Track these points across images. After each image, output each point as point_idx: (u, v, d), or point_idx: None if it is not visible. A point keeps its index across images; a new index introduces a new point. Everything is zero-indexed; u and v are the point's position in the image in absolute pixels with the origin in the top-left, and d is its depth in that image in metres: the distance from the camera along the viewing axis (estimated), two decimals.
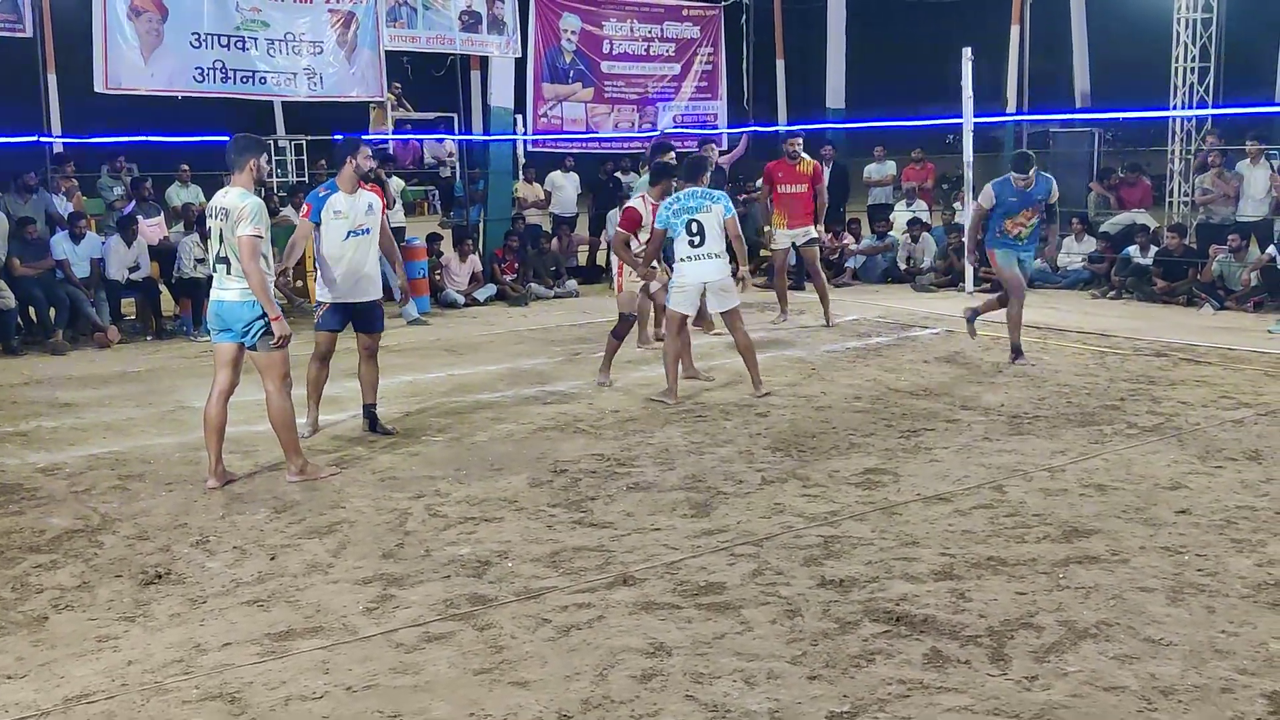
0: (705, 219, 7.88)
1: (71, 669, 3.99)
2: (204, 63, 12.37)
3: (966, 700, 3.61)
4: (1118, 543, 4.99)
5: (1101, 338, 10.05)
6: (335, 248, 6.93)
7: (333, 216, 6.90)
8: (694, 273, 7.93)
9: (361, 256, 7.01)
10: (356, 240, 6.97)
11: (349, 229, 6.93)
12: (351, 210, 6.94)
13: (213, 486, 6.13)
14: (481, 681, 3.82)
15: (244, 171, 6.09)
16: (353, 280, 7.01)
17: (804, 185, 10.97)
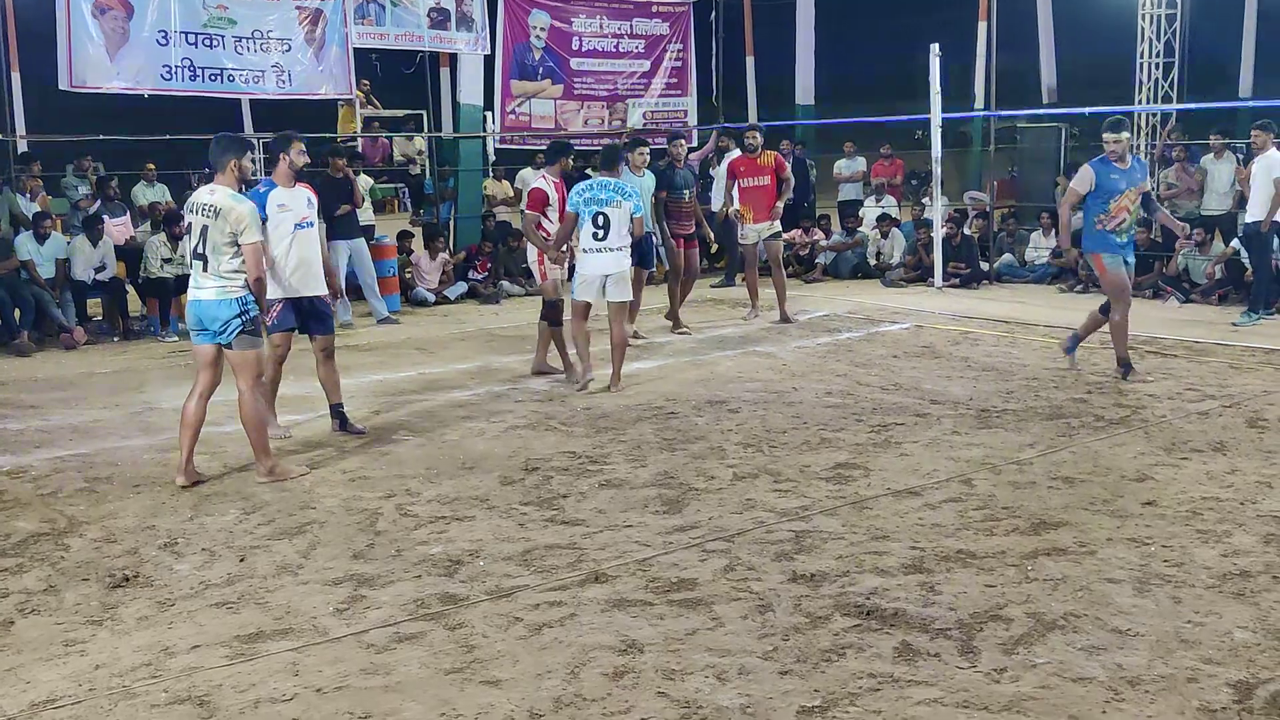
0: (612, 213, 8.01)
1: (38, 673, 3.95)
2: (171, 60, 12.27)
3: (936, 693, 3.64)
4: (1085, 534, 5.04)
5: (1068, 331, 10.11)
6: (284, 241, 6.90)
7: (277, 210, 6.87)
8: (593, 265, 8.12)
9: (308, 249, 7.03)
10: (302, 233, 6.97)
11: (295, 222, 6.93)
12: (294, 203, 6.95)
13: (182, 484, 6.10)
14: (453, 681, 3.81)
15: (225, 171, 6.09)
16: (302, 274, 7.00)
17: (766, 177, 10.92)
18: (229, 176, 6.09)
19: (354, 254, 11.67)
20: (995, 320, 10.82)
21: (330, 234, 11.75)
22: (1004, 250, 14.20)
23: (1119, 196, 7.90)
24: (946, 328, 10.52)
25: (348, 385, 8.49)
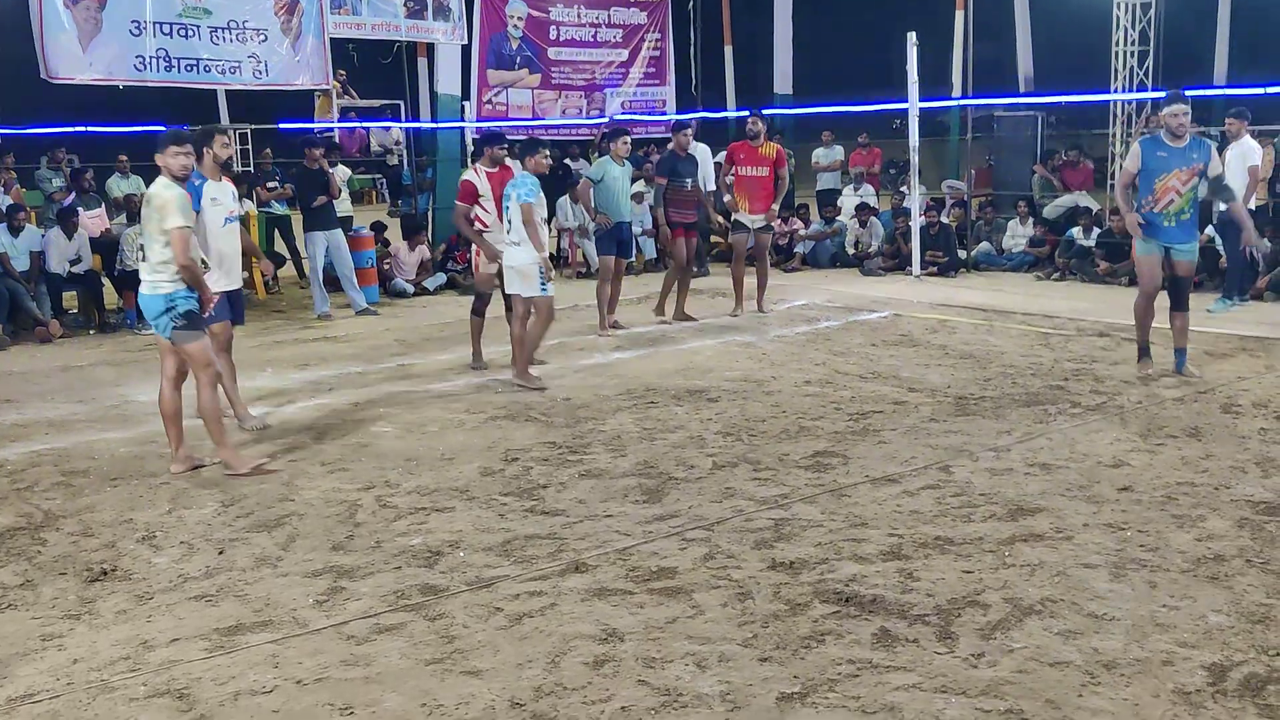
0: (512, 206, 8.03)
1: (15, 668, 3.93)
2: (145, 51, 12.18)
3: (915, 678, 3.66)
4: (1062, 520, 5.08)
5: (1045, 319, 10.19)
6: (215, 234, 6.92)
7: (210, 204, 6.89)
8: (507, 256, 8.14)
9: (235, 243, 7.10)
10: (231, 226, 7.03)
11: (225, 215, 6.97)
12: (224, 197, 6.99)
13: (176, 470, 6.14)
14: (433, 672, 3.81)
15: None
16: (229, 266, 7.05)
17: (765, 168, 10.73)
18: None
19: (331, 245, 11.62)
20: (973, 308, 10.87)
21: (308, 225, 11.74)
22: (981, 238, 14.26)
23: (1165, 176, 7.46)
24: (924, 316, 10.56)
25: (326, 375, 8.48)
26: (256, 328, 11.19)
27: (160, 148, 6.60)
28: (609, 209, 10.00)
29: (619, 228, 10.08)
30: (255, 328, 11.20)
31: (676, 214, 10.47)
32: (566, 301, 12.08)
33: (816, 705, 3.51)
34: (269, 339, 10.50)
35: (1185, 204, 7.50)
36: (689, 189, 10.46)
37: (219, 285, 6.84)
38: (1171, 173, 7.45)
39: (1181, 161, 7.46)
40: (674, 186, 10.41)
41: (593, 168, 10.54)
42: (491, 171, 8.64)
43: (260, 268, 7.23)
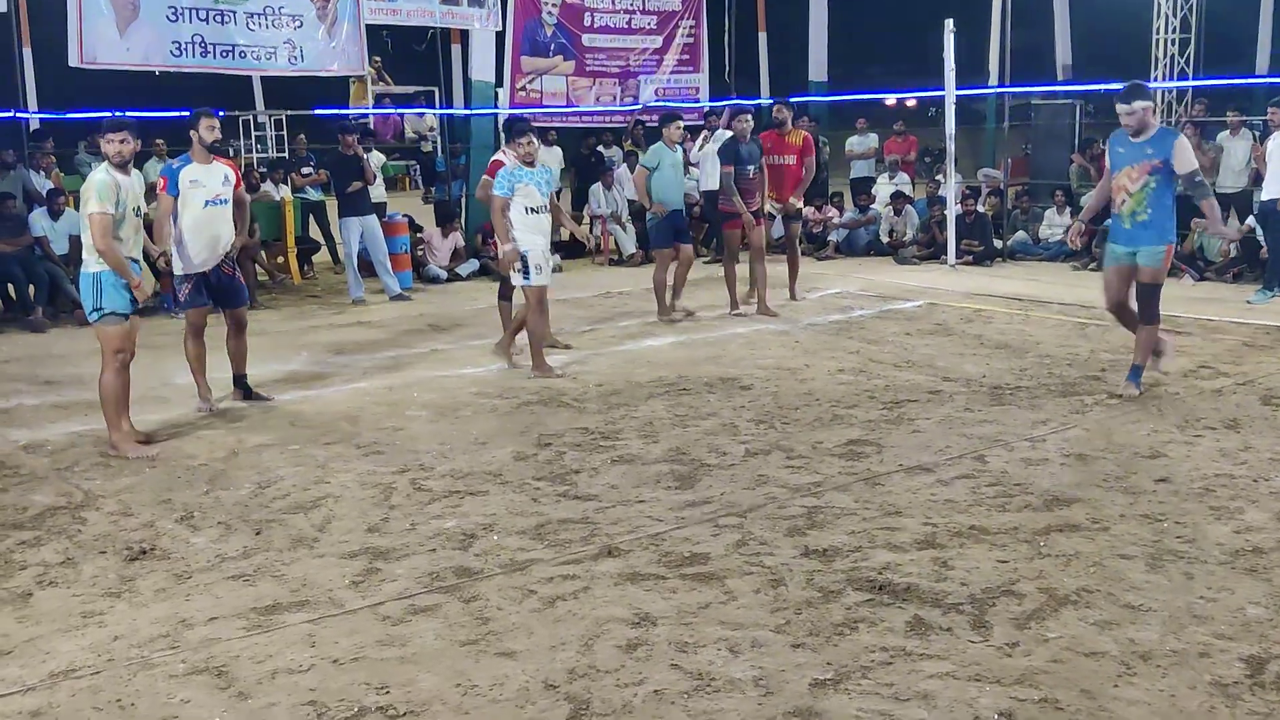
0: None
1: (57, 644, 3.99)
2: (182, 37, 12.26)
3: (948, 666, 3.65)
4: (1098, 511, 5.04)
5: (1082, 309, 10.09)
6: (195, 217, 7.02)
7: (189, 186, 7.00)
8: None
9: (219, 226, 7.15)
10: (214, 209, 7.10)
11: (206, 198, 7.05)
12: (208, 179, 7.07)
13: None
14: (468, 653, 3.84)
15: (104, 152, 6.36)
16: (210, 250, 7.12)
17: (793, 156, 10.66)
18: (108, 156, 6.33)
19: (366, 231, 11.69)
20: (1008, 298, 10.79)
21: (342, 211, 11.82)
22: (1018, 228, 14.14)
23: (1118, 174, 6.97)
24: (959, 305, 10.49)
25: (361, 361, 8.54)
26: (292, 312, 11.30)
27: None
28: (665, 196, 9.88)
29: (675, 215, 9.95)
30: (290, 312, 11.30)
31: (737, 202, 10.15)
32: (598, 288, 12.12)
33: (849, 692, 3.51)
34: (304, 323, 10.59)
35: (1139, 204, 6.84)
36: (751, 176, 10.15)
37: (190, 265, 7.04)
38: (1123, 170, 6.93)
39: (1134, 157, 6.87)
40: (736, 174, 10.07)
41: (647, 155, 10.36)
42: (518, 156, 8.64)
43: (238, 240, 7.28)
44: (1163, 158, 6.78)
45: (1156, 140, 6.86)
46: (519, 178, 7.93)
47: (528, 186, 7.91)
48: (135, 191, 6.45)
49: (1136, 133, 6.90)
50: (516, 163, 8.00)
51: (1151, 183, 6.81)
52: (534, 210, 7.95)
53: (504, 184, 7.91)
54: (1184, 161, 6.77)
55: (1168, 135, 6.97)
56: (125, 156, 6.30)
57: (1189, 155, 6.81)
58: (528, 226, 7.93)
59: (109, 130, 6.30)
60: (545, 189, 8.03)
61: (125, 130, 6.32)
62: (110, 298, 6.28)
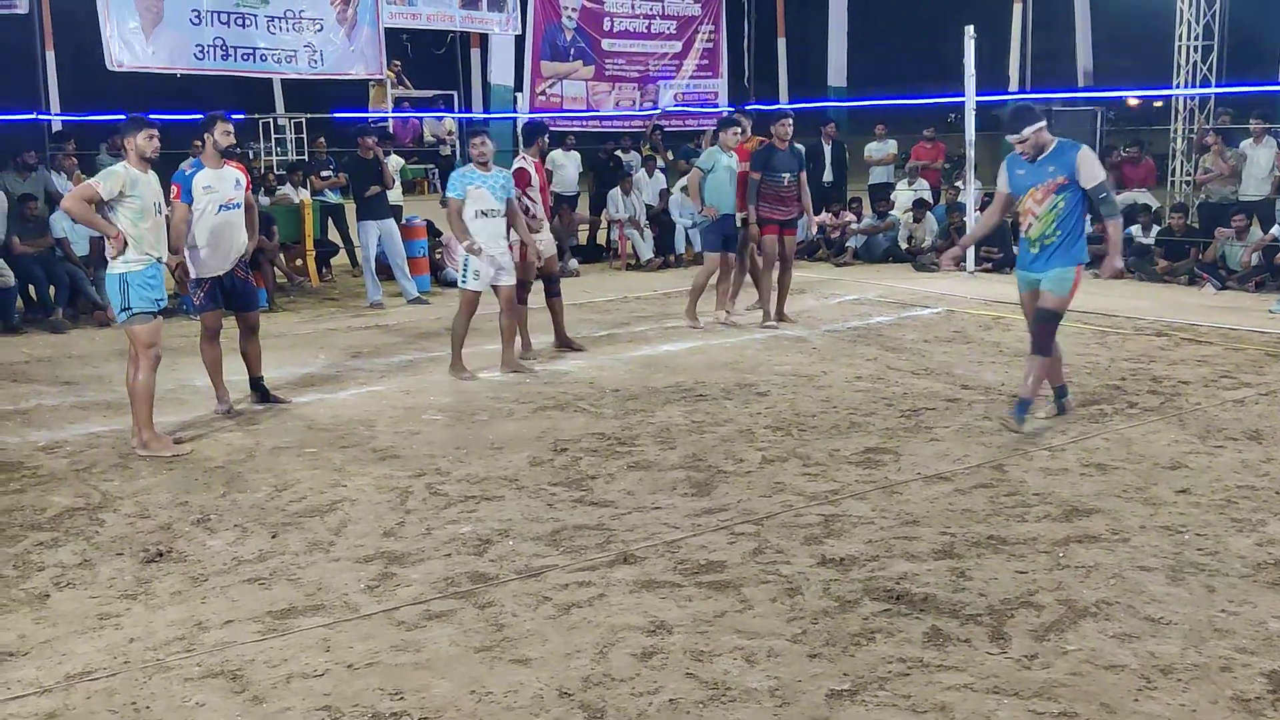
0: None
1: (73, 646, 4.00)
2: (204, 40, 12.35)
3: (966, 678, 3.62)
4: (1118, 522, 5.00)
5: (1103, 317, 10.03)
6: (210, 222, 7.06)
7: (203, 192, 7.03)
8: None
9: (232, 230, 7.19)
10: (228, 214, 7.13)
11: (220, 203, 7.08)
12: (220, 184, 7.09)
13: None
14: (482, 659, 3.82)
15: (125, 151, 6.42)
16: (225, 254, 7.16)
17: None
18: (129, 155, 6.37)
19: (384, 234, 11.71)
20: None
21: (360, 214, 11.84)
22: None
23: (1023, 198, 6.47)
24: (978, 312, 10.44)
25: (378, 365, 8.55)
26: (309, 315, 11.33)
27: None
28: (717, 201, 9.76)
29: (725, 220, 9.81)
30: (308, 315, 11.33)
31: (769, 210, 9.93)
32: (615, 293, 12.11)
33: (866, 703, 3.49)
34: (321, 326, 10.61)
35: (1047, 226, 6.34)
36: (785, 184, 9.92)
37: (206, 270, 7.08)
38: (1027, 192, 6.42)
39: (1037, 178, 6.36)
40: (769, 181, 9.89)
41: (702, 158, 10.25)
42: (539, 162, 8.74)
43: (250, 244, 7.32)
44: (1067, 174, 6.27)
45: (1057, 157, 6.33)
46: (470, 180, 8.03)
47: (479, 189, 7.99)
48: (155, 189, 6.50)
49: (1035, 154, 6.39)
50: (472, 166, 8.13)
51: (1059, 202, 6.30)
52: (485, 214, 8.03)
53: (456, 186, 8.05)
54: (1089, 175, 6.25)
55: (1069, 150, 6.35)
56: (157, 154, 6.43)
57: (1094, 168, 6.29)
58: (478, 231, 8.02)
59: (145, 126, 6.38)
60: (500, 194, 8.08)
61: (156, 129, 6.43)
62: (138, 296, 6.32)
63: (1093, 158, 6.39)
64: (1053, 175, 6.31)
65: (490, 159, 8.11)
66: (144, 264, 6.36)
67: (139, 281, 6.32)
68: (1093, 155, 6.43)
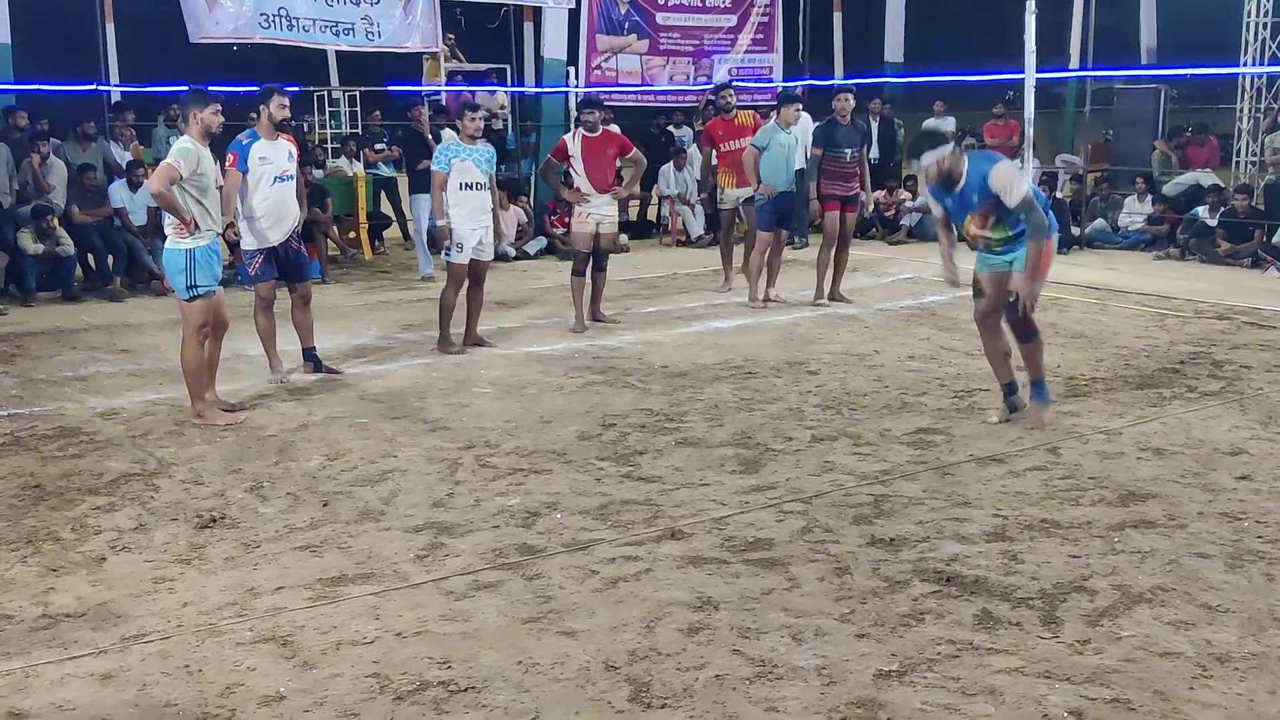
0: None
1: (129, 609, 4.06)
2: (268, 10, 12.40)
3: (1017, 662, 3.58)
4: (1175, 508, 4.90)
5: (1161, 299, 9.84)
6: (264, 193, 7.14)
7: (259, 163, 7.11)
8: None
9: (287, 202, 7.27)
10: (282, 185, 7.21)
11: (275, 174, 7.16)
12: (275, 156, 7.18)
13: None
14: (530, 630, 3.84)
15: (189, 123, 6.42)
16: (280, 225, 7.24)
17: (747, 139, 10.16)
18: (192, 128, 6.39)
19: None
20: (1085, 286, 10.54)
21: (413, 187, 11.88)
22: (1097, 215, 13.82)
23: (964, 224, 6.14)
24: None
25: (429, 337, 8.57)
26: (361, 287, 11.41)
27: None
28: (773, 178, 9.68)
29: (781, 198, 9.74)
30: (360, 287, 11.41)
31: (830, 186, 9.75)
32: (664, 269, 12.07)
33: (914, 684, 3.45)
34: (373, 298, 10.68)
35: (1001, 235, 5.96)
36: (848, 160, 9.72)
37: (264, 241, 7.17)
38: (965, 221, 6.06)
39: (966, 207, 5.98)
40: (831, 157, 9.71)
41: (759, 135, 10.20)
42: (590, 136, 8.73)
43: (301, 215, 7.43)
44: (986, 200, 5.83)
45: (973, 186, 5.84)
46: (456, 153, 8.08)
47: (464, 163, 8.04)
48: (213, 165, 6.56)
49: (951, 183, 5.93)
50: (455, 138, 8.20)
51: (1002, 216, 5.88)
52: (469, 186, 8.06)
53: (442, 159, 8.12)
54: (1011, 197, 5.73)
55: (980, 175, 5.81)
56: (221, 129, 6.51)
57: (1013, 186, 5.74)
58: (461, 203, 8.06)
59: (210, 100, 6.44)
60: (485, 167, 8.11)
61: (220, 102, 6.50)
62: (203, 273, 6.36)
63: (1009, 173, 5.81)
64: (977, 205, 5.88)
65: (479, 133, 8.20)
66: (209, 239, 6.43)
67: (204, 258, 6.36)
68: (1009, 170, 5.85)
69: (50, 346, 8.60)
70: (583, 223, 8.90)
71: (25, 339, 8.91)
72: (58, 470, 5.62)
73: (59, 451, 5.93)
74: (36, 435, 6.23)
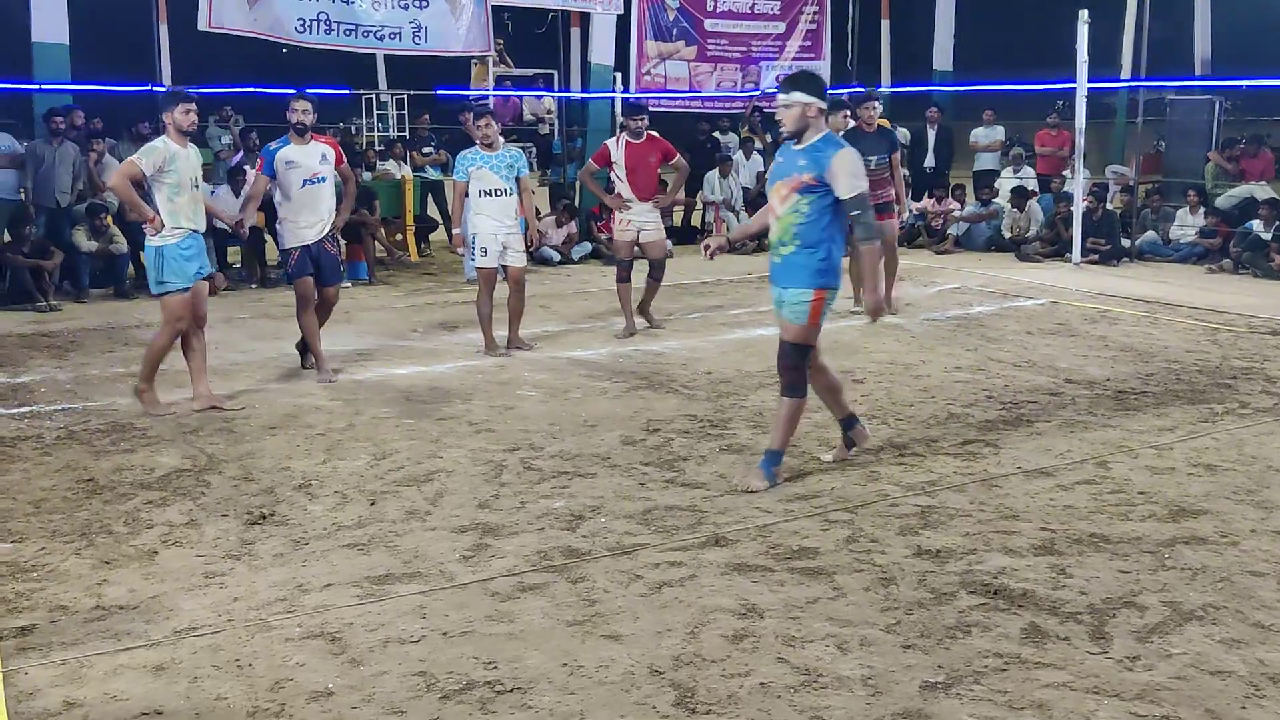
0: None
1: (180, 602, 4.12)
2: (307, 14, 12.49)
3: (1065, 676, 3.54)
4: (1227, 524, 4.84)
5: (1214, 313, 9.71)
6: (294, 196, 7.32)
7: (285, 167, 7.30)
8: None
9: (319, 203, 7.41)
10: (312, 188, 7.36)
11: (304, 178, 7.32)
12: (304, 159, 7.33)
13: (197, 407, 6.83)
14: (574, 633, 3.85)
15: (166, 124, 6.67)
16: (312, 225, 7.39)
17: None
18: (168, 128, 6.64)
19: None
20: (1135, 299, 10.42)
21: None
22: (1147, 227, 13.65)
23: (770, 190, 5.46)
24: (1084, 305, 10.17)
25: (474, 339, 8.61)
26: (407, 289, 11.51)
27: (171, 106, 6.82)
28: None
29: None
30: (406, 289, 11.51)
31: None
32: (708, 275, 12.06)
33: (961, 696, 3.43)
34: (419, 300, 10.77)
35: (785, 232, 5.26)
36: (872, 168, 9.26)
37: (299, 240, 7.36)
38: (774, 186, 5.38)
39: (786, 170, 5.29)
40: None
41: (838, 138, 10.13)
42: (633, 142, 8.74)
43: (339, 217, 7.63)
44: (817, 173, 5.14)
45: (815, 150, 5.19)
46: (472, 161, 8.12)
47: (481, 170, 8.08)
48: (194, 163, 6.76)
49: (797, 138, 5.28)
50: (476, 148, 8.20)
51: (802, 205, 5.18)
52: (489, 193, 8.09)
53: (460, 168, 8.18)
54: (847, 185, 5.11)
55: (828, 146, 5.21)
56: (194, 127, 6.74)
57: (854, 176, 5.12)
58: (481, 210, 8.10)
59: (181, 101, 6.67)
60: (506, 173, 8.12)
61: (194, 102, 6.72)
62: (172, 271, 6.58)
63: (853, 162, 5.18)
64: (801, 170, 5.19)
65: (494, 139, 8.20)
66: (179, 236, 6.60)
67: (173, 255, 6.57)
68: (855, 159, 5.20)
69: (103, 343, 8.75)
70: (624, 230, 8.92)
71: (79, 335, 9.08)
72: (110, 465, 5.72)
73: (112, 446, 6.04)
74: (90, 430, 6.34)
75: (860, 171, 5.21)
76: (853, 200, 5.13)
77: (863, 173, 5.24)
